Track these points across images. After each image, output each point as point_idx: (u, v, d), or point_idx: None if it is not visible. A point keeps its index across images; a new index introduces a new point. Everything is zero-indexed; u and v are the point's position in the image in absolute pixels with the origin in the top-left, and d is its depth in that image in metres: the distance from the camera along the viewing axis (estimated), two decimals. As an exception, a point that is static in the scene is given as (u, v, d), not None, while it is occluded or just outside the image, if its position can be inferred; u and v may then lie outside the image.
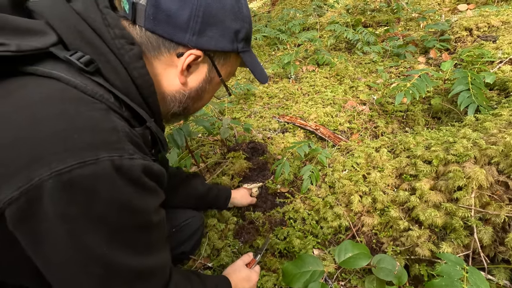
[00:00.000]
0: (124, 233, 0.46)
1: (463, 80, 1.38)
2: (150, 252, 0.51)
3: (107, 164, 0.42)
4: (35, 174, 0.38)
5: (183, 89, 0.64)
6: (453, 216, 0.91)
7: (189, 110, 0.70)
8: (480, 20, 2.25)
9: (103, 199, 0.42)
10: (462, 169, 0.93)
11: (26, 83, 0.45)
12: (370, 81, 2.12)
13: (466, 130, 1.04)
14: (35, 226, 0.41)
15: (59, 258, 0.43)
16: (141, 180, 0.46)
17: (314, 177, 1.30)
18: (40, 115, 0.42)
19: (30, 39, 0.47)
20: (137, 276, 0.49)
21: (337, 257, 0.89)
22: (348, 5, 4.09)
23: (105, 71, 0.52)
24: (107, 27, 0.53)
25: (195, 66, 0.62)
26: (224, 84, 0.70)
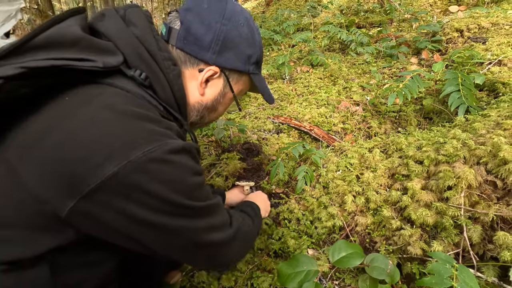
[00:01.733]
0: (195, 188, 0.59)
1: (453, 81, 1.40)
2: (209, 196, 0.65)
3: (178, 144, 0.56)
4: (131, 155, 0.50)
5: (201, 100, 0.77)
6: (443, 215, 0.93)
7: (204, 120, 0.82)
8: (471, 22, 2.30)
9: (179, 167, 0.56)
10: (452, 169, 0.95)
11: (104, 91, 0.57)
12: (364, 82, 2.15)
13: (456, 130, 1.07)
14: (132, 193, 0.51)
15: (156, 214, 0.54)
16: (195, 154, 0.61)
17: (308, 177, 1.31)
18: (123, 114, 0.54)
19: (108, 57, 0.60)
20: (210, 210, 0.64)
21: (331, 256, 0.90)
22: (342, 6, 4.12)
23: (155, 85, 0.66)
24: (159, 51, 0.66)
25: (213, 80, 0.75)
26: (236, 100, 0.82)
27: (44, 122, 0.54)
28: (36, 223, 0.53)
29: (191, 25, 0.71)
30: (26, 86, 0.53)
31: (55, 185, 0.50)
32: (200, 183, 0.61)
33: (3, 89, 0.49)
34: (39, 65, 0.51)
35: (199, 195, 0.61)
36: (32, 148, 0.52)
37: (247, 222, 0.85)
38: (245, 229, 0.80)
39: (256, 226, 0.91)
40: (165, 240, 0.59)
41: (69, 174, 0.49)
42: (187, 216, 0.59)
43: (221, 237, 0.67)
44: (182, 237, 0.60)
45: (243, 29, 0.74)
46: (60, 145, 0.50)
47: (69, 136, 0.51)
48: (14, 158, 0.52)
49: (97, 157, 0.49)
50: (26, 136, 0.53)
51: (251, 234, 0.85)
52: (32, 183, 0.51)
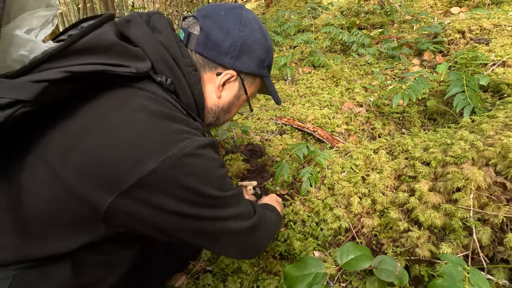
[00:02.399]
0: (222, 179, 0.64)
1: (458, 82, 1.40)
2: (233, 187, 0.69)
3: (205, 140, 0.60)
4: (168, 150, 0.54)
5: (218, 102, 0.81)
6: (452, 217, 0.92)
7: (219, 121, 0.87)
8: (472, 23, 2.30)
9: (210, 159, 0.60)
10: (460, 170, 0.94)
11: (137, 94, 0.61)
12: (366, 83, 2.15)
13: (463, 132, 1.06)
14: (169, 187, 0.55)
15: (188, 209, 0.58)
16: (218, 148, 0.66)
17: (313, 179, 1.30)
18: (156, 115, 0.58)
19: (139, 63, 0.63)
20: (236, 199, 0.68)
21: (339, 259, 0.89)
22: (342, 7, 4.13)
23: (178, 90, 0.70)
24: (182, 57, 0.70)
25: (229, 84, 0.79)
26: (248, 101, 0.88)
27: (81, 124, 0.56)
28: (74, 220, 0.56)
29: (211, 31, 0.74)
30: (68, 89, 0.55)
31: (95, 183, 0.53)
32: (225, 174, 0.66)
33: (47, 92, 0.51)
34: (82, 70, 0.54)
35: (226, 185, 0.65)
36: (71, 149, 0.54)
37: (269, 214, 0.90)
38: (267, 218, 0.85)
39: (276, 219, 0.96)
40: (199, 230, 0.63)
41: (108, 172, 0.52)
42: (218, 206, 0.63)
43: (248, 224, 0.71)
44: (214, 226, 0.64)
45: (257, 35, 0.78)
46: (99, 146, 0.53)
47: (106, 136, 0.54)
48: (54, 159, 0.54)
49: (135, 154, 0.53)
50: (65, 138, 0.56)
51: (274, 224, 0.90)
52: (73, 182, 0.53)
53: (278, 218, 0.98)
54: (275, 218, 0.95)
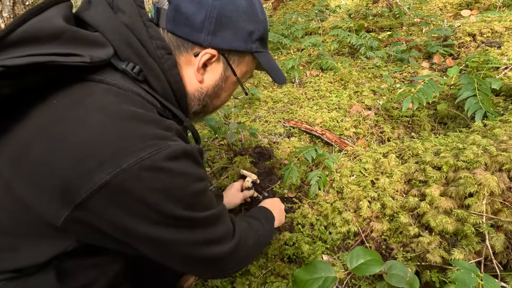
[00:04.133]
0: (195, 197, 0.56)
1: (469, 86, 1.39)
2: (213, 204, 0.62)
3: (177, 148, 0.51)
4: (123, 162, 0.46)
5: (201, 88, 0.69)
6: (464, 222, 0.91)
7: (208, 108, 0.75)
8: (483, 26, 2.27)
9: (178, 175, 0.51)
10: (473, 175, 0.93)
11: (95, 89, 0.53)
12: (375, 86, 2.13)
13: (475, 136, 1.05)
14: (125, 203, 0.49)
15: (152, 227, 0.51)
16: (197, 158, 0.57)
17: (321, 182, 1.30)
18: (116, 116, 0.50)
19: (97, 50, 0.54)
20: (212, 220, 0.61)
21: (349, 263, 0.89)
22: (350, 10, 4.12)
23: (150, 78, 0.60)
24: (150, 39, 0.60)
25: (211, 65, 0.67)
26: (240, 83, 0.74)
27: (33, 128, 0.50)
28: (37, 231, 0.52)
29: (180, 4, 0.61)
30: (8, 87, 0.48)
31: (49, 195, 0.47)
32: (201, 190, 0.56)
33: None
34: (18, 63, 0.45)
35: (200, 204, 0.57)
36: (23, 157, 0.48)
37: (255, 231, 0.80)
38: (250, 240, 0.74)
39: (267, 235, 0.87)
40: (162, 251, 0.56)
41: (61, 183, 0.47)
42: (184, 228, 0.55)
43: (221, 250, 0.62)
44: (179, 250, 0.56)
45: (240, 2, 0.64)
46: (51, 153, 0.47)
47: (59, 142, 0.47)
48: (5, 169, 0.50)
49: (88, 164, 0.46)
50: (17, 144, 0.50)
51: (258, 244, 0.80)
52: (27, 194, 0.48)
53: (269, 229, 0.89)
54: (266, 229, 0.86)
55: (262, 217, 0.91)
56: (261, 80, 2.60)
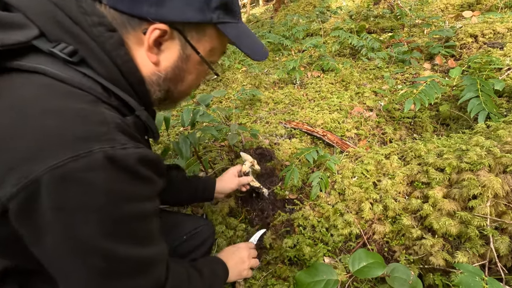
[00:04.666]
0: (121, 224, 0.46)
1: (472, 87, 1.38)
2: (149, 241, 0.51)
3: (100, 156, 0.42)
4: (32, 171, 0.40)
5: (158, 70, 0.60)
6: (468, 225, 0.90)
7: (172, 94, 0.65)
8: (485, 27, 2.26)
9: (98, 191, 0.42)
10: (477, 177, 0.92)
11: (12, 80, 0.46)
12: (376, 87, 2.13)
13: (479, 137, 1.04)
14: (35, 220, 0.42)
15: (58, 251, 0.44)
16: (136, 169, 0.46)
17: (323, 183, 1.29)
18: (30, 113, 0.42)
19: (13, 33, 0.47)
20: (137, 267, 0.49)
21: (351, 266, 0.88)
22: (351, 11, 4.12)
23: (90, 60, 0.51)
24: (83, 15, 0.51)
25: (166, 43, 0.57)
26: (207, 62, 0.63)
27: None
28: None
29: None
30: None
31: None
32: (137, 215, 0.46)
33: None
34: None
35: (131, 234, 0.47)
36: None
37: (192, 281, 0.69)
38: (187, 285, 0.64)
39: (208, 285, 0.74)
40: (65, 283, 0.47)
41: None
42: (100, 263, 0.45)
43: None
44: None
45: None
46: None
47: None
48: None
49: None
50: None
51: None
52: None
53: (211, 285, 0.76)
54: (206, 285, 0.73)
55: (206, 271, 0.77)
56: (262, 81, 2.60)
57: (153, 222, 0.52)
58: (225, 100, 2.44)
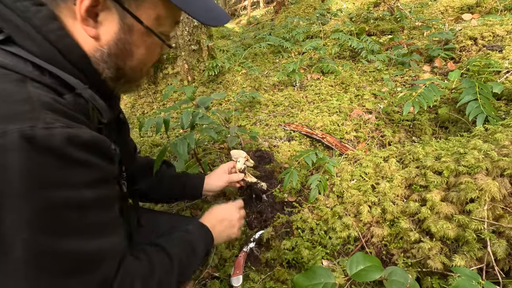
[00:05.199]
0: (48, 213, 0.40)
1: (470, 90, 1.38)
2: (91, 235, 0.45)
3: (14, 136, 0.38)
4: None
5: (100, 45, 0.54)
6: (465, 228, 0.90)
7: (124, 72, 0.59)
8: (485, 30, 2.27)
9: (14, 176, 0.38)
10: (474, 180, 0.92)
11: None
12: (376, 90, 2.13)
13: (477, 141, 1.04)
14: None
15: None
16: (63, 150, 0.41)
17: (322, 186, 1.29)
18: None
19: None
20: (73, 264, 0.43)
21: (349, 269, 0.88)
22: (352, 13, 4.13)
23: (18, 38, 0.48)
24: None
25: (102, 13, 0.52)
26: (153, 32, 0.56)
27: None
28: None
29: None
30: None
31: None
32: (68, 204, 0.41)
33: None
34: None
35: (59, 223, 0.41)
36: None
37: (157, 272, 0.60)
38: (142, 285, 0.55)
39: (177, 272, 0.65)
40: None
41: None
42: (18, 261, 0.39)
43: None
44: None
45: None
46: None
47: None
48: None
49: None
50: None
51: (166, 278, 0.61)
52: None
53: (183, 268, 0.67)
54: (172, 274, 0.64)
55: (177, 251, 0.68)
56: (262, 83, 2.60)
57: (95, 212, 0.46)
58: (225, 102, 2.45)
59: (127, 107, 2.70)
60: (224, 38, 5.54)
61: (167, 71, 2.67)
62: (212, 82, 2.72)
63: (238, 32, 6.37)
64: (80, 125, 0.45)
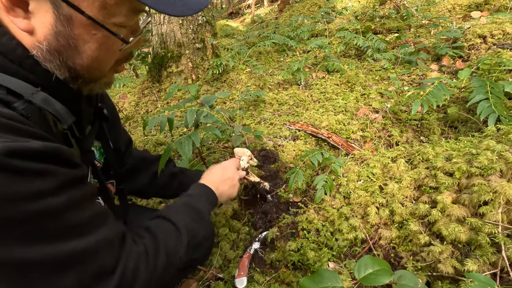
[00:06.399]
0: (15, 227, 0.38)
1: (481, 89, 1.34)
2: (72, 236, 0.43)
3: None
4: None
5: (37, 41, 0.47)
6: (478, 232, 0.87)
7: (77, 71, 0.52)
8: (494, 27, 2.22)
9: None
10: (488, 182, 0.89)
11: None
12: (382, 89, 2.10)
13: (490, 141, 1.01)
14: None
15: None
16: (8, 163, 0.37)
17: (328, 187, 1.27)
18: None
19: None
20: (64, 265, 0.42)
21: (357, 273, 0.85)
22: (357, 12, 4.08)
23: None
24: None
25: (33, 2, 0.44)
26: (98, 23, 0.47)
27: None
28: None
29: None
30: None
31: None
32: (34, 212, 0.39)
33: None
34: None
35: (36, 232, 0.40)
36: None
37: (162, 245, 0.58)
38: (149, 266, 0.54)
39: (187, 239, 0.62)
40: None
41: None
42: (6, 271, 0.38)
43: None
44: None
45: None
46: None
47: None
48: None
49: None
50: None
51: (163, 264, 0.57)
52: None
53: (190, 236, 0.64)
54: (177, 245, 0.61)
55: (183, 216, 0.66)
56: (266, 82, 2.58)
57: (70, 214, 0.43)
58: (229, 101, 2.43)
59: (131, 106, 2.69)
60: (228, 37, 5.52)
61: (171, 69, 2.65)
62: (216, 80, 2.70)
63: (242, 30, 6.34)
64: (27, 138, 0.41)
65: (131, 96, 2.75)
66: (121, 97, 2.87)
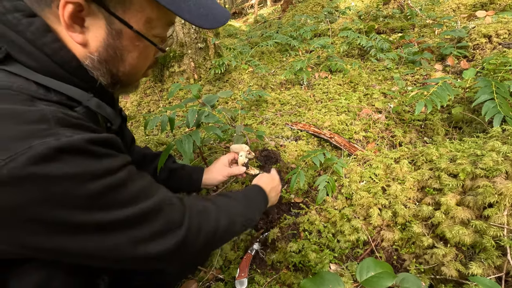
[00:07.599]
0: (99, 196, 0.45)
1: (486, 89, 1.32)
2: (136, 199, 0.51)
3: (44, 147, 0.40)
4: None
5: (89, 52, 0.53)
6: (483, 234, 0.85)
7: (118, 78, 0.59)
8: (500, 27, 2.19)
9: (56, 178, 0.40)
10: (493, 184, 0.88)
11: None
12: (385, 89, 2.08)
13: (495, 142, 0.99)
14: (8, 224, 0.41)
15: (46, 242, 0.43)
16: (88, 148, 0.45)
17: (330, 187, 1.26)
18: None
19: None
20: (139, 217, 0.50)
21: (359, 275, 0.84)
22: (360, 11, 4.06)
23: (16, 55, 0.47)
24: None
25: (88, 19, 0.50)
26: (143, 36, 0.55)
27: None
28: None
29: None
30: None
31: None
32: (107, 187, 0.45)
33: None
34: None
35: (112, 202, 0.47)
36: None
37: (221, 211, 0.68)
38: (210, 223, 0.63)
39: (242, 213, 0.74)
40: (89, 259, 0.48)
41: None
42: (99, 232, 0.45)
43: (162, 247, 0.52)
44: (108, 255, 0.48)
45: None
46: None
47: None
48: None
49: None
50: None
51: (224, 227, 0.67)
52: None
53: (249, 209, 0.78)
54: (236, 212, 0.73)
55: (240, 195, 0.79)
56: (268, 82, 2.57)
57: (133, 184, 0.51)
58: (231, 101, 2.42)
59: (133, 105, 2.70)
60: (231, 37, 5.51)
61: (173, 69, 2.65)
62: (218, 80, 2.69)
63: (245, 30, 6.33)
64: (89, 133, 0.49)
65: (133, 95, 2.75)
66: (123, 96, 2.87)
